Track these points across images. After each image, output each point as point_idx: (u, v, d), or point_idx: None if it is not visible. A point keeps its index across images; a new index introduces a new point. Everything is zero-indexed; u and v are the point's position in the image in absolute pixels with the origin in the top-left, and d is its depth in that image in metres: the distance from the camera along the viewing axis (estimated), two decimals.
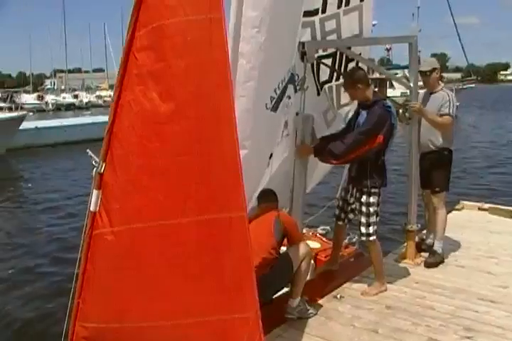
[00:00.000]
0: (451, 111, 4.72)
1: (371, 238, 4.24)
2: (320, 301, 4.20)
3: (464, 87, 34.72)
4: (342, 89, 4.66)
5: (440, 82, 5.02)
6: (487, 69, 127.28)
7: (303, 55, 4.01)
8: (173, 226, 2.58)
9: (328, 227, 5.81)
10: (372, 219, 4.22)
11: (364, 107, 4.18)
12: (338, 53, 4.67)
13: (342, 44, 4.55)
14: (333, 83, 4.77)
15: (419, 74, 4.84)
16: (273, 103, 3.87)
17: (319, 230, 5.96)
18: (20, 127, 19.64)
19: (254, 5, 3.37)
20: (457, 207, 7.09)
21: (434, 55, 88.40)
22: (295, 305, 3.86)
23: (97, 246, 2.81)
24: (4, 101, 35.81)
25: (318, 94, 4.70)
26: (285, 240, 3.97)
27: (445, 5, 27.75)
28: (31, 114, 24.40)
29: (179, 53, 2.52)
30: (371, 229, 4.22)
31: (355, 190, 4.31)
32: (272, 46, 3.54)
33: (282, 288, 4.04)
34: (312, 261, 4.72)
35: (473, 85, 36.22)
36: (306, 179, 4.38)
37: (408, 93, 4.93)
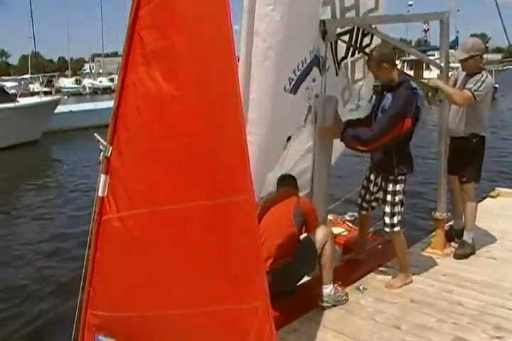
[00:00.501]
0: (475, 87, 4.31)
1: (395, 229, 4.02)
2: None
3: (504, 68, 33.44)
4: (356, 64, 4.51)
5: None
6: None
7: (323, 34, 3.79)
8: (178, 211, 2.50)
9: (356, 214, 5.61)
10: (397, 208, 4.00)
11: (389, 89, 3.90)
12: (355, 29, 4.46)
13: (366, 22, 4.29)
14: (349, 59, 4.61)
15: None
16: (292, 85, 3.71)
17: (347, 216, 5.77)
18: (56, 111, 19.92)
19: None
20: (492, 193, 6.74)
21: (473, 36, 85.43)
22: (331, 292, 3.76)
23: (105, 232, 2.73)
24: (43, 85, 36.59)
25: (337, 74, 4.54)
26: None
27: None
28: (66, 97, 24.62)
29: (180, 30, 2.38)
30: (395, 220, 4.00)
31: (380, 179, 4.08)
32: (289, 25, 3.37)
33: (306, 273, 3.91)
34: (338, 248, 4.61)
35: None
36: (329, 167, 4.21)
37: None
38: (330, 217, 5.24)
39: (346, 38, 4.47)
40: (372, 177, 4.18)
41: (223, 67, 2.32)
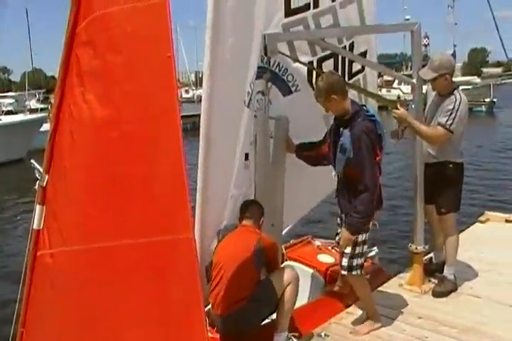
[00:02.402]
0: (449, 121, 3.82)
1: (354, 272, 3.52)
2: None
3: (503, 81, 33.27)
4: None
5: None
6: None
7: (265, 49, 3.46)
8: (110, 250, 2.30)
9: None
10: (358, 249, 3.50)
11: (344, 124, 3.41)
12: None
13: (316, 35, 3.87)
14: None
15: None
16: (248, 98, 3.55)
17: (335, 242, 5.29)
18: (43, 129, 19.49)
19: None
20: (481, 218, 6.21)
21: (473, 50, 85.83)
22: None
23: (39, 269, 2.56)
24: (40, 101, 36.53)
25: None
26: None
27: None
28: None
29: (117, 48, 2.23)
30: (355, 262, 3.50)
31: (344, 215, 3.62)
32: (247, 38, 3.38)
33: (265, 318, 3.51)
34: (321, 278, 4.32)
35: None
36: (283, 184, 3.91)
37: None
38: (318, 242, 4.92)
39: (331, 62, 4.19)
40: (342, 215, 3.70)
41: (163, 87, 2.14)
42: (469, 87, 31.39)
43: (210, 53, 3.11)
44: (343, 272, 3.56)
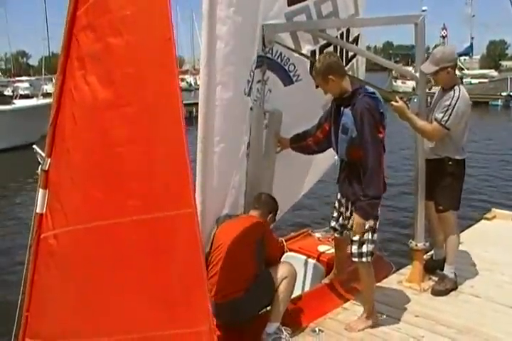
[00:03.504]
0: (444, 117, 3.73)
1: (363, 259, 3.46)
2: (295, 334, 3.50)
3: None
4: None
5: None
6: None
7: (263, 39, 3.43)
8: (113, 227, 2.33)
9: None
10: (367, 236, 3.44)
11: (346, 103, 3.36)
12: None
13: (314, 26, 3.80)
14: None
15: None
16: (249, 87, 3.50)
17: (336, 234, 5.22)
18: None
19: None
20: (487, 215, 6.09)
21: (492, 42, 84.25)
22: (272, 331, 3.35)
23: (42, 252, 2.62)
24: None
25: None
26: None
27: None
28: None
29: (118, 31, 2.26)
30: (365, 249, 3.44)
31: (348, 201, 3.56)
32: (247, 26, 3.29)
33: (262, 309, 3.51)
34: (321, 266, 4.33)
35: None
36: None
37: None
38: (318, 234, 4.88)
39: (331, 49, 4.14)
40: (341, 198, 3.67)
41: (163, 70, 2.17)
42: (486, 80, 30.92)
43: (207, 43, 3.07)
44: (354, 259, 3.49)
